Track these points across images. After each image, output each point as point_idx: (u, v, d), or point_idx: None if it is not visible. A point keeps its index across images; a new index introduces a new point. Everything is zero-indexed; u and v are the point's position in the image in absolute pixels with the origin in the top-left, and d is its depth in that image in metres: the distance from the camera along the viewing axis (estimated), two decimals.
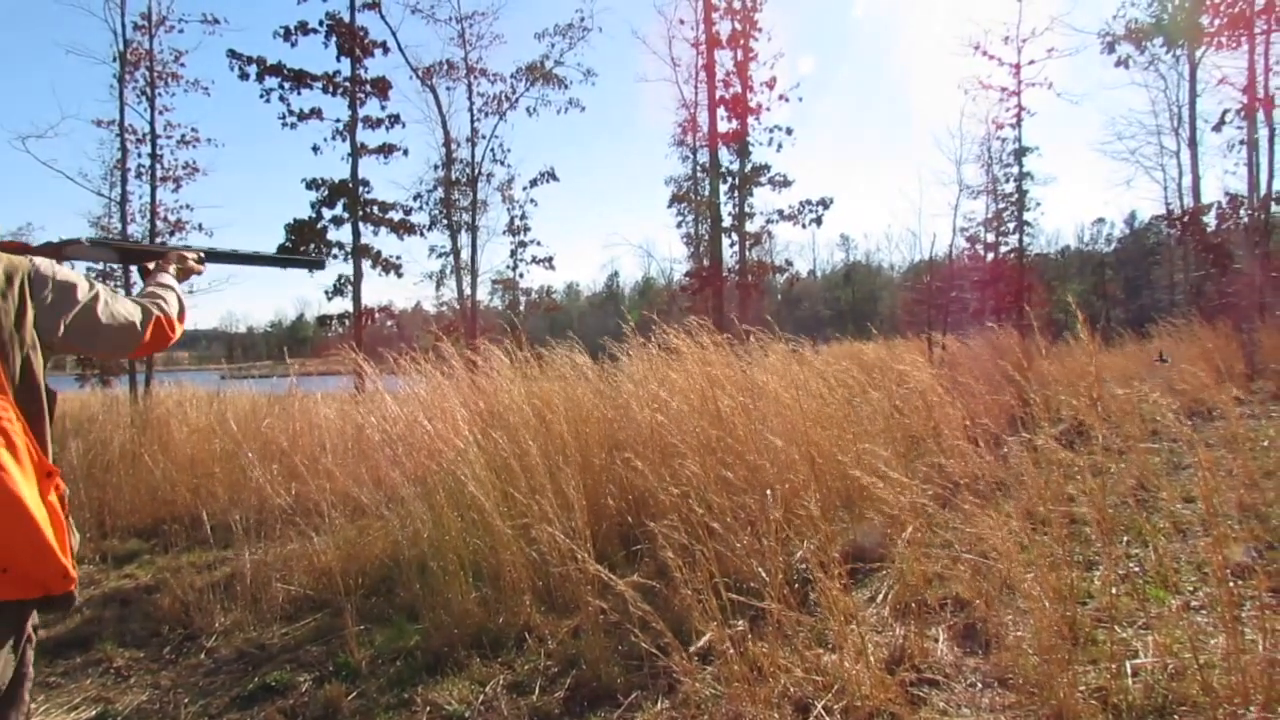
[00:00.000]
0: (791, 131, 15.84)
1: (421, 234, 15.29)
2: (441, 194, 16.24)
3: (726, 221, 15.96)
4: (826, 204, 16.03)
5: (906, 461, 4.49)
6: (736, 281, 15.84)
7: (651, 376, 4.95)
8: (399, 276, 14.10)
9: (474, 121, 16.25)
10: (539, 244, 17.34)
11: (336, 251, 13.43)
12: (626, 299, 51.07)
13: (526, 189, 16.95)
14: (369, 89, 13.70)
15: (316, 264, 2.86)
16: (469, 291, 16.45)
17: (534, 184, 16.83)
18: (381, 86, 13.80)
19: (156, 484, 5.76)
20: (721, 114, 15.51)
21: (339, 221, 13.46)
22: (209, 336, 60.41)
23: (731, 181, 15.90)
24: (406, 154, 14.17)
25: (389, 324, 14.99)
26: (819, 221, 16.09)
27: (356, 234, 13.48)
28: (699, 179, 18.14)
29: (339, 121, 13.57)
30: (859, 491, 3.92)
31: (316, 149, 13.59)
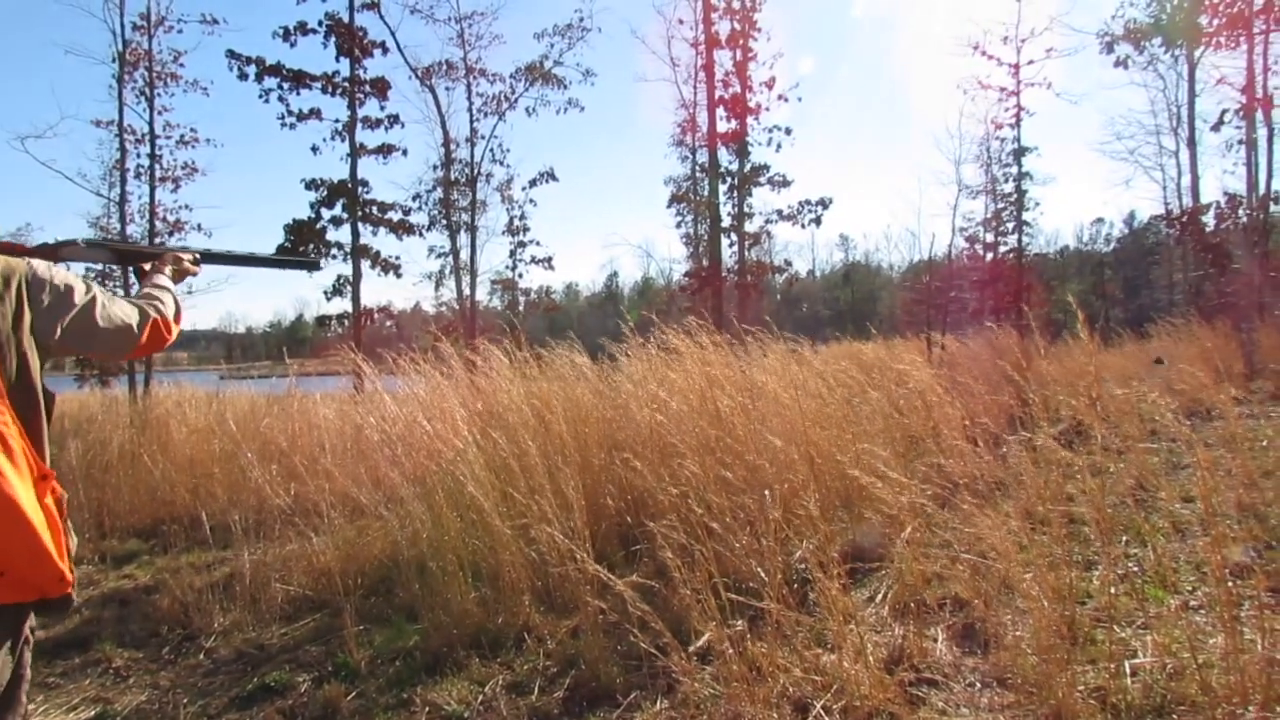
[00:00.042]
0: (791, 131, 15.88)
1: (421, 234, 15.30)
2: (441, 194, 16.25)
3: (726, 221, 15.97)
4: (826, 204, 16.05)
5: (905, 461, 4.49)
6: (736, 281, 15.84)
7: (651, 377, 4.95)
8: (398, 277, 14.12)
9: (473, 121, 16.28)
10: (538, 244, 17.38)
11: (335, 252, 13.42)
12: (626, 299, 51.07)
13: (526, 189, 16.99)
14: (368, 89, 13.70)
15: (313, 265, 2.84)
16: (468, 292, 16.46)
17: (533, 184, 16.87)
18: (380, 87, 13.79)
19: (155, 484, 5.75)
20: (721, 114, 15.52)
21: (338, 222, 13.44)
22: (208, 337, 60.50)
23: (731, 181, 15.90)
24: (406, 154, 14.22)
25: (388, 324, 14.98)
26: (818, 221, 16.12)
27: (355, 234, 13.47)
28: (698, 179, 18.15)
29: (338, 122, 13.57)
30: (858, 491, 3.92)
31: (315, 149, 13.59)
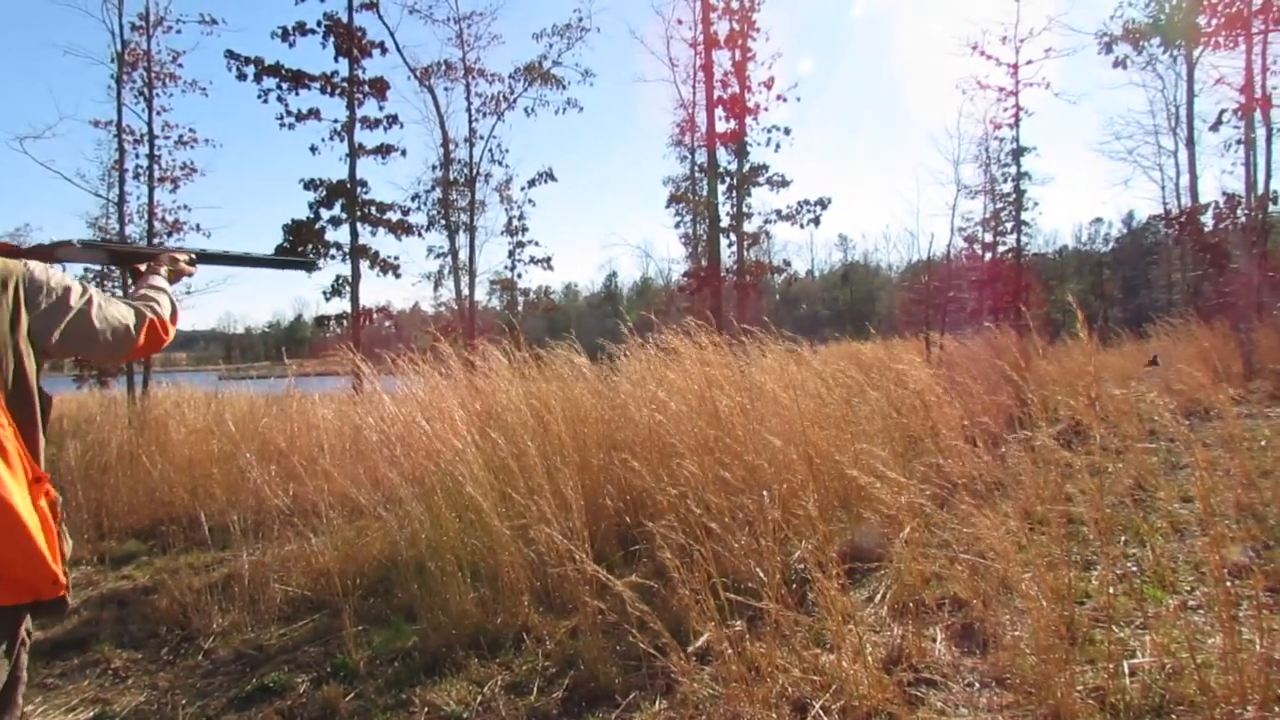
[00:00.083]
0: (789, 131, 15.92)
1: (419, 234, 15.32)
2: (439, 194, 16.27)
3: (724, 221, 15.98)
4: (824, 204, 16.07)
5: (904, 461, 4.49)
6: (734, 281, 15.85)
7: (649, 377, 4.95)
8: (397, 277, 14.14)
9: (472, 122, 16.32)
10: (537, 244, 17.46)
11: (334, 252, 13.43)
12: (625, 299, 51.05)
13: (524, 189, 17.04)
14: (367, 89, 13.70)
15: (310, 265, 2.85)
16: (467, 292, 16.47)
17: (532, 184, 16.91)
18: (379, 87, 13.80)
19: (154, 485, 5.74)
20: (719, 114, 15.54)
21: (337, 222, 13.45)
22: (207, 337, 60.46)
23: (729, 181, 15.92)
24: (404, 154, 14.21)
25: (387, 324, 14.99)
26: (817, 221, 16.15)
27: (354, 234, 13.47)
28: (697, 179, 18.18)
29: (337, 122, 13.59)
30: (857, 491, 3.92)
31: (314, 149, 13.61)
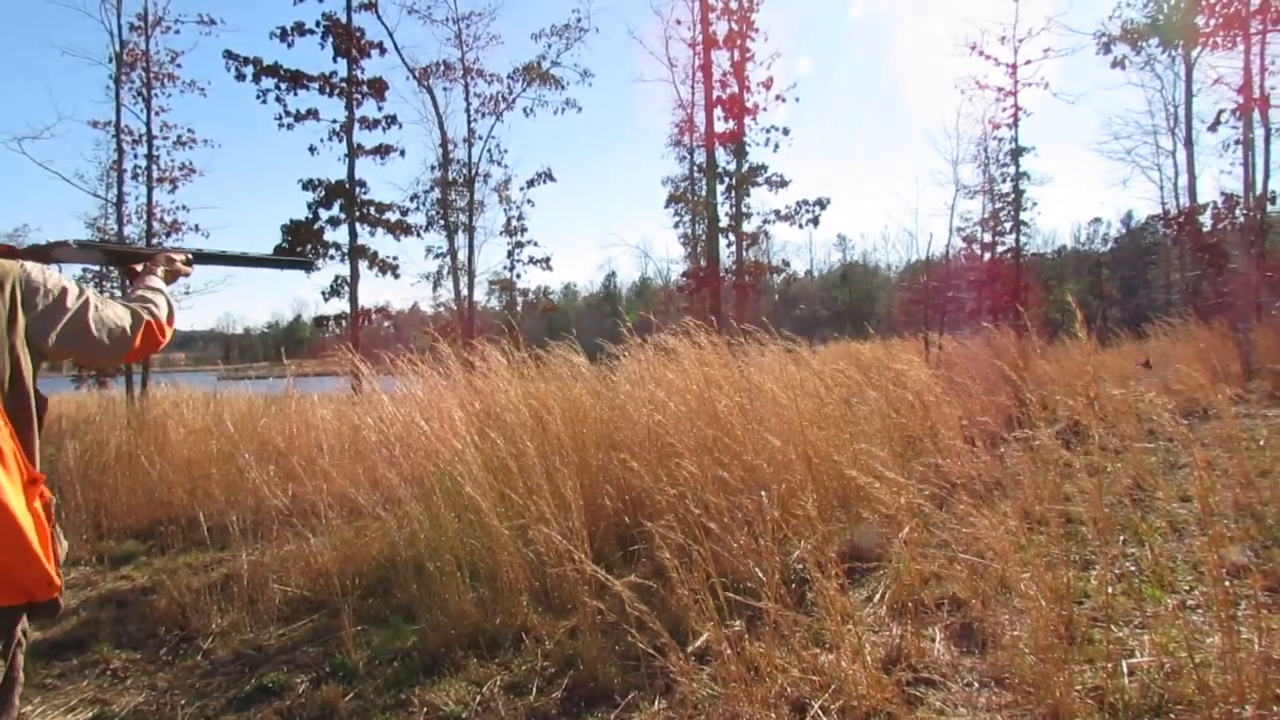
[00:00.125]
0: (788, 132, 15.90)
1: (418, 235, 15.29)
2: (438, 195, 16.26)
3: (723, 222, 15.98)
4: (823, 204, 16.06)
5: (903, 461, 4.50)
6: (733, 282, 15.85)
7: (648, 377, 4.95)
8: (396, 277, 14.12)
9: (471, 122, 16.32)
10: (536, 244, 17.44)
11: (333, 252, 13.40)
12: (624, 299, 51.08)
13: (523, 189, 17.05)
14: (366, 90, 13.69)
15: (307, 264, 2.84)
16: (466, 292, 16.46)
17: (531, 184, 16.91)
18: (378, 87, 13.79)
19: (153, 485, 5.74)
20: (718, 114, 15.53)
21: (336, 222, 13.43)
22: (206, 338, 60.43)
23: (728, 182, 15.92)
24: (403, 155, 14.20)
25: (386, 325, 14.98)
26: (816, 222, 16.13)
27: (353, 235, 13.46)
28: (696, 179, 18.20)
29: (335, 122, 13.57)
30: (856, 491, 3.92)
31: (313, 150, 13.59)
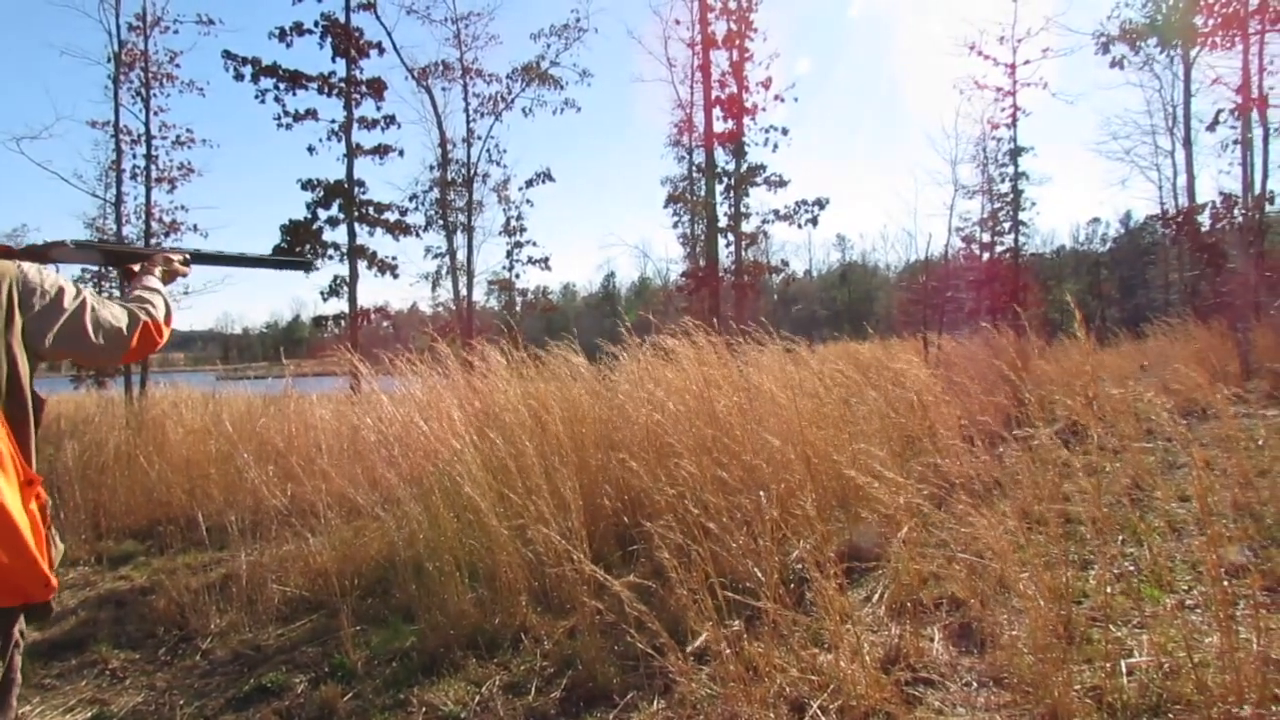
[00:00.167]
0: (787, 132, 15.89)
1: (417, 235, 15.27)
2: (437, 195, 16.24)
3: (722, 222, 15.97)
4: (822, 204, 16.05)
5: (902, 461, 4.50)
6: (732, 281, 15.84)
7: (647, 377, 4.95)
8: (395, 277, 14.11)
9: (470, 122, 16.30)
10: (535, 244, 17.43)
11: (332, 252, 13.39)
12: (623, 299, 51.07)
13: (522, 189, 17.03)
14: (364, 90, 13.68)
15: (306, 265, 2.83)
16: (465, 292, 16.45)
17: (530, 184, 16.90)
18: (377, 87, 13.78)
19: (152, 485, 5.73)
20: (717, 114, 15.52)
21: (334, 222, 13.42)
22: (204, 338, 60.38)
23: (727, 182, 15.91)
24: (402, 155, 14.18)
25: (385, 325, 14.97)
26: (815, 221, 16.13)
27: (352, 235, 13.44)
28: (695, 179, 18.19)
29: (334, 122, 13.56)
30: (855, 491, 3.92)
31: (312, 150, 13.59)
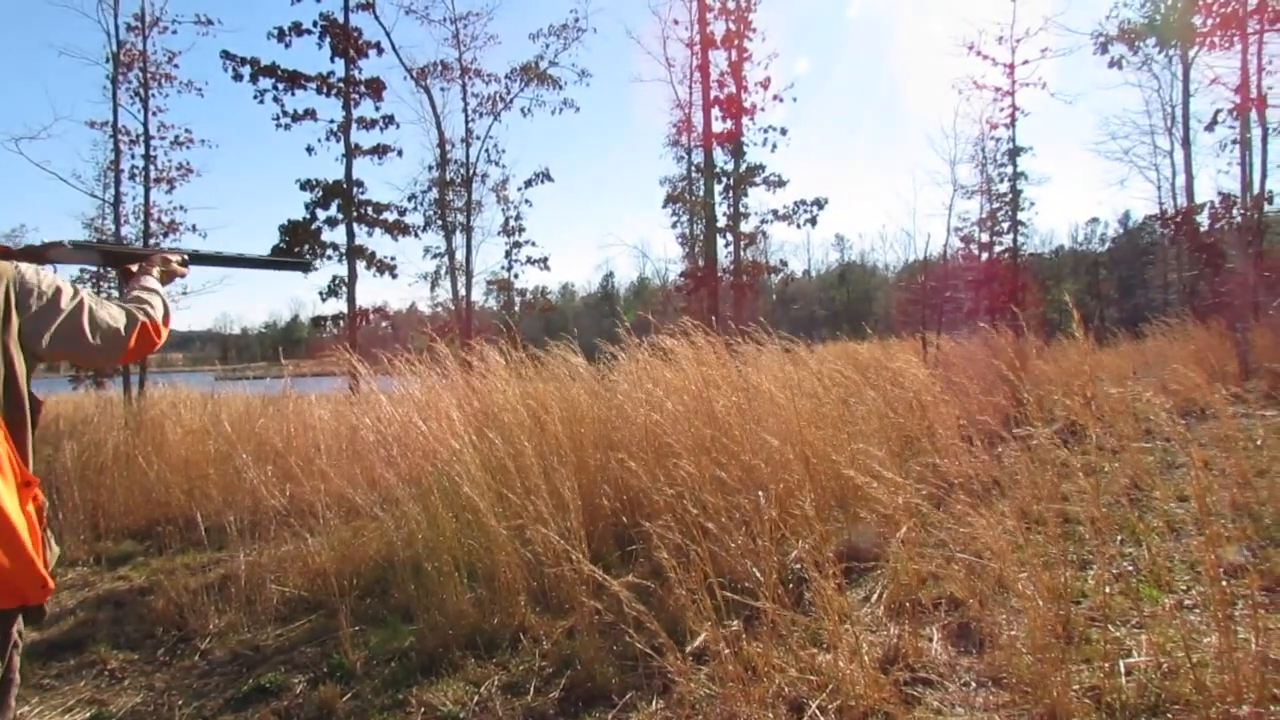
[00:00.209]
0: (786, 132, 15.86)
1: (416, 235, 15.24)
2: (436, 195, 16.22)
3: (721, 222, 15.96)
4: (821, 204, 16.04)
5: (901, 461, 4.51)
6: (731, 281, 15.83)
7: (646, 377, 4.95)
8: (394, 277, 14.09)
9: (468, 122, 16.28)
10: (534, 244, 17.39)
11: (331, 252, 13.37)
12: (622, 299, 51.07)
13: (521, 189, 17.01)
14: (363, 90, 13.66)
15: (304, 265, 2.81)
16: (464, 292, 16.43)
17: (529, 184, 16.88)
18: (376, 87, 13.76)
19: (150, 485, 5.73)
20: (716, 114, 15.50)
21: (333, 222, 13.41)
22: (203, 338, 60.34)
23: (726, 182, 15.90)
24: (401, 155, 14.17)
25: (384, 325, 14.95)
26: (814, 221, 16.10)
27: (351, 235, 13.43)
28: (694, 179, 18.19)
29: (333, 122, 13.54)
30: (853, 491, 3.93)
31: (311, 150, 13.56)
